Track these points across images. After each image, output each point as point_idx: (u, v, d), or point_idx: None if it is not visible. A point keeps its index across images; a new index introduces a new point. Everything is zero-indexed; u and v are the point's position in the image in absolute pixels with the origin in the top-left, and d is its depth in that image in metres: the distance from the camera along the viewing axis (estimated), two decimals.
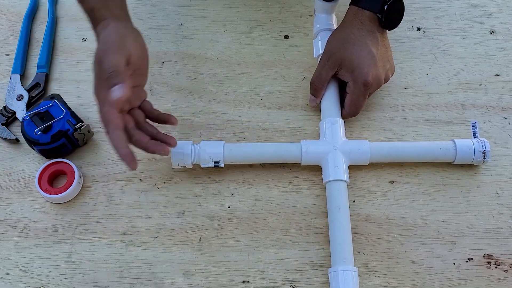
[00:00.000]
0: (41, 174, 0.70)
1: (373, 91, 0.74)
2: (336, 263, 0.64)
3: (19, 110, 0.75)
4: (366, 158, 0.70)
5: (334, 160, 0.69)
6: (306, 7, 0.86)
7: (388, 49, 0.74)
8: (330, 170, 0.69)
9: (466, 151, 0.70)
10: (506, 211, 0.70)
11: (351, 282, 0.62)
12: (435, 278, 0.66)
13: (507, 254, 0.67)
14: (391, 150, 0.71)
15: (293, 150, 0.70)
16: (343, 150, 0.70)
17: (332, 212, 0.67)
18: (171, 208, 0.70)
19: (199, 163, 0.70)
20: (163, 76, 0.80)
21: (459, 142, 0.71)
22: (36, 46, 0.83)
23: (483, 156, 0.70)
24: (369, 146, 0.70)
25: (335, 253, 0.64)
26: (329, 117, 0.73)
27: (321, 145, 0.71)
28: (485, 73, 0.80)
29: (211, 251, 0.67)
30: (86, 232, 0.69)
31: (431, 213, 0.70)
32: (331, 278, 0.64)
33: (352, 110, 0.73)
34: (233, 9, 0.86)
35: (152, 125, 0.67)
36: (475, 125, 0.72)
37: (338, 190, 0.68)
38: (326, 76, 0.73)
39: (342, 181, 0.68)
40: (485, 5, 0.86)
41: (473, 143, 0.70)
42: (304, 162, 0.70)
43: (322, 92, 0.74)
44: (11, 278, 0.66)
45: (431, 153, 0.71)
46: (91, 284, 0.66)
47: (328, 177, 0.69)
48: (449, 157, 0.71)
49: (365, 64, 0.70)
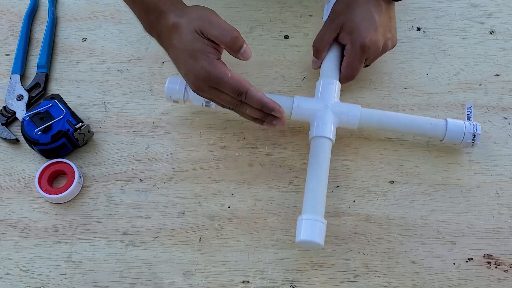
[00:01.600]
0: (41, 174, 0.70)
1: (370, 58, 0.74)
2: (305, 212, 0.64)
3: (19, 110, 0.75)
4: (355, 122, 0.70)
5: (323, 118, 0.70)
6: (306, 7, 0.86)
7: (392, 20, 0.74)
8: (317, 126, 0.69)
9: (456, 130, 0.70)
10: (506, 211, 0.70)
11: (316, 232, 0.62)
12: (435, 278, 0.66)
13: (507, 254, 0.67)
14: (381, 118, 0.71)
15: (285, 103, 0.70)
16: (334, 110, 0.70)
17: (312, 165, 0.67)
18: (171, 208, 0.70)
19: (191, 100, 0.71)
20: (163, 76, 0.80)
21: (451, 121, 0.71)
22: (36, 46, 0.83)
23: (473, 138, 0.70)
24: (360, 110, 0.71)
25: (306, 202, 0.65)
26: (327, 78, 0.73)
27: (313, 102, 0.71)
28: (485, 73, 0.80)
29: (211, 251, 0.67)
30: (86, 232, 0.69)
31: (431, 213, 0.70)
32: (297, 226, 0.64)
33: (348, 73, 0.74)
34: (233, 9, 0.86)
35: None
36: (470, 109, 0.72)
37: (320, 146, 0.68)
38: (328, 37, 0.74)
39: (327, 138, 0.69)
40: (485, 5, 0.86)
41: (465, 124, 0.71)
42: (294, 116, 0.71)
43: (324, 54, 0.75)
44: (11, 278, 0.66)
45: (420, 127, 0.71)
46: (91, 284, 0.66)
47: (313, 133, 0.69)
48: (438, 134, 0.71)
49: (365, 28, 0.71)
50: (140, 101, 0.78)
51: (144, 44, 0.82)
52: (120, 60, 0.81)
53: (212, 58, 0.62)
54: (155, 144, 0.74)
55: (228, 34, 0.61)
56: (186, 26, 0.62)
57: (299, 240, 0.63)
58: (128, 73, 0.80)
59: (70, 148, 0.73)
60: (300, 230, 0.63)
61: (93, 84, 0.79)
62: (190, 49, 0.62)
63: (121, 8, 0.86)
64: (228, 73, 0.62)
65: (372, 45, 0.72)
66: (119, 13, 0.85)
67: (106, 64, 0.81)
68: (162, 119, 0.76)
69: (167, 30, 0.64)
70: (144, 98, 0.78)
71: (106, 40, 0.83)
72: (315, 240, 0.62)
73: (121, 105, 0.77)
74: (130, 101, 0.78)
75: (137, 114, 0.77)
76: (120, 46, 0.82)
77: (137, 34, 0.83)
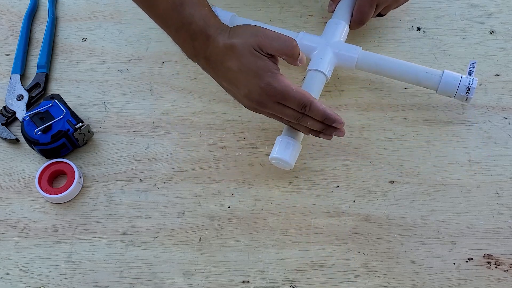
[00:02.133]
0: (41, 174, 0.70)
1: (382, 4, 0.75)
2: (285, 133, 0.68)
3: (19, 110, 0.75)
4: (352, 62, 0.73)
5: (322, 53, 0.72)
6: (306, 7, 0.86)
7: None
8: (314, 60, 0.72)
9: (450, 82, 0.70)
10: (506, 211, 0.70)
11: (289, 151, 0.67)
12: (435, 278, 0.66)
13: (507, 254, 0.67)
14: (379, 61, 0.73)
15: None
16: (334, 48, 0.73)
17: None
18: (171, 208, 0.70)
19: None
20: (163, 76, 0.80)
21: (447, 72, 0.71)
22: (36, 46, 0.83)
23: (467, 92, 0.70)
24: (359, 52, 0.73)
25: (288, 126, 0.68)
26: (337, 18, 0.76)
27: (316, 39, 0.74)
28: (485, 73, 0.80)
29: (211, 251, 0.67)
30: (86, 232, 0.69)
31: (431, 213, 0.70)
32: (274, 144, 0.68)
33: (358, 17, 0.75)
34: (233, 9, 0.85)
35: None
36: (473, 65, 0.71)
37: (314, 79, 0.71)
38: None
39: (322, 73, 0.71)
40: (485, 5, 0.86)
41: (461, 77, 0.71)
42: None
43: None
44: (11, 278, 0.66)
45: (416, 74, 0.72)
46: (91, 284, 0.66)
47: (310, 66, 0.72)
48: (432, 84, 0.72)
49: None
50: (140, 101, 0.78)
51: (144, 44, 0.82)
52: (120, 60, 0.81)
53: (276, 73, 0.62)
54: (155, 144, 0.74)
55: (289, 44, 0.62)
56: (242, 46, 0.61)
57: (272, 157, 0.68)
58: (128, 73, 0.80)
59: (70, 148, 0.73)
60: (276, 148, 0.67)
61: (93, 84, 0.79)
62: (253, 68, 0.61)
63: (121, 8, 0.86)
64: (293, 87, 0.62)
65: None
66: (119, 13, 0.85)
67: (106, 64, 0.81)
68: (162, 119, 0.76)
69: (218, 54, 0.63)
70: (144, 98, 0.78)
71: (106, 40, 0.83)
72: (285, 159, 0.67)
73: (121, 105, 0.77)
74: (130, 101, 0.78)
75: (137, 114, 0.77)
76: (120, 46, 0.82)
77: (137, 34, 0.83)
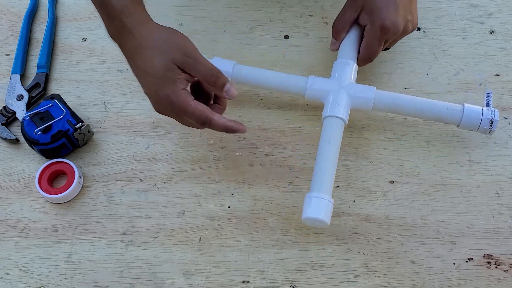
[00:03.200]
0: (41, 174, 0.70)
1: (390, 39, 0.73)
2: (313, 190, 0.64)
3: (19, 110, 0.75)
4: (369, 104, 0.70)
5: (336, 98, 0.69)
6: (306, 7, 0.86)
7: (412, 2, 0.73)
8: (330, 106, 0.69)
9: (473, 116, 0.69)
10: (506, 211, 0.70)
11: (322, 210, 0.62)
12: (435, 278, 0.66)
13: (507, 254, 0.67)
14: (396, 101, 0.70)
15: (299, 83, 0.71)
16: (348, 91, 0.70)
17: (322, 145, 0.67)
18: (171, 208, 0.70)
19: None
20: None
21: (468, 106, 0.69)
22: (36, 46, 0.83)
23: (490, 125, 0.68)
24: (375, 93, 0.70)
25: (315, 180, 0.64)
26: (344, 58, 0.73)
27: (328, 83, 0.71)
28: (485, 73, 0.80)
29: (211, 251, 0.67)
30: (86, 232, 0.69)
31: (431, 213, 0.70)
32: (305, 203, 0.63)
33: (366, 54, 0.73)
34: (233, 9, 0.86)
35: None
36: (490, 95, 0.70)
37: (332, 126, 0.68)
38: (349, 18, 0.74)
39: (340, 118, 0.68)
40: (485, 5, 0.86)
41: (482, 110, 0.69)
42: (308, 96, 0.71)
43: (343, 36, 0.75)
44: (11, 278, 0.66)
45: (436, 111, 0.70)
46: (91, 284, 0.66)
47: (326, 113, 0.69)
48: (454, 120, 0.70)
49: (385, 8, 0.70)
50: (140, 101, 0.78)
51: None
52: (120, 60, 0.81)
53: (178, 88, 0.61)
54: (155, 144, 0.74)
55: (213, 72, 0.62)
56: (160, 55, 0.61)
57: (305, 217, 0.63)
58: (128, 73, 0.80)
59: (70, 148, 0.73)
60: (307, 207, 0.63)
61: (93, 84, 0.79)
62: (159, 75, 0.61)
63: None
64: (191, 103, 0.61)
65: (392, 26, 0.70)
66: None
67: (106, 64, 0.81)
68: (162, 119, 0.76)
69: (132, 49, 0.63)
70: (144, 98, 0.77)
71: (106, 40, 0.83)
72: (320, 218, 0.62)
73: (121, 105, 0.77)
74: (130, 101, 0.78)
75: (137, 114, 0.77)
76: None
77: None
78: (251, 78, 0.73)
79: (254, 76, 0.73)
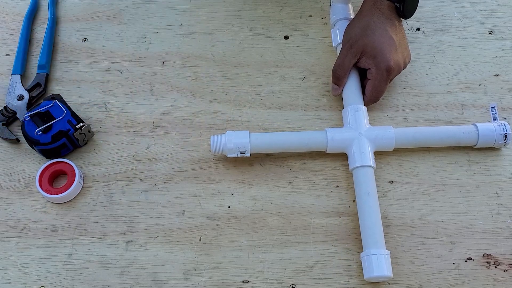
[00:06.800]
0: (41, 174, 0.71)
1: (393, 77, 0.75)
2: (367, 247, 0.64)
3: (19, 110, 0.76)
4: (391, 144, 0.71)
5: (360, 147, 0.70)
6: (306, 7, 0.86)
7: (404, 37, 0.76)
8: (356, 156, 0.69)
9: (488, 134, 0.71)
10: (505, 211, 0.70)
11: (384, 265, 0.63)
12: (435, 278, 0.66)
13: (506, 254, 0.67)
14: (415, 135, 0.72)
15: (319, 138, 0.71)
16: (368, 136, 0.71)
17: (361, 198, 0.67)
18: (171, 208, 0.70)
19: (225, 153, 0.70)
20: (163, 76, 0.80)
21: (481, 126, 0.72)
22: (36, 46, 0.83)
23: (504, 139, 0.71)
24: (394, 131, 0.71)
25: (367, 237, 0.65)
26: (352, 104, 0.74)
27: (346, 132, 0.72)
28: (485, 73, 0.80)
29: (211, 251, 0.68)
30: (86, 232, 0.69)
31: (431, 213, 0.70)
32: (364, 262, 0.64)
33: (374, 96, 0.74)
34: (233, 9, 0.86)
35: None
36: (494, 109, 0.73)
37: (365, 176, 0.69)
38: (349, 64, 0.74)
39: (369, 166, 0.69)
40: (485, 5, 0.86)
41: (494, 127, 0.72)
42: (330, 150, 0.71)
43: (345, 81, 0.76)
44: (12, 278, 0.66)
45: (454, 137, 0.72)
46: (91, 284, 0.66)
47: (354, 164, 0.69)
48: (471, 141, 0.72)
49: (387, 50, 0.72)
50: (140, 101, 0.78)
51: (144, 44, 0.82)
52: (120, 60, 0.81)
53: None
54: (155, 144, 0.75)
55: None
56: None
57: (369, 276, 0.63)
58: (128, 73, 0.80)
59: (71, 148, 0.73)
60: (369, 266, 0.63)
61: (94, 84, 0.79)
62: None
63: (121, 9, 0.86)
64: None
65: (396, 65, 0.73)
66: (119, 14, 0.85)
67: (107, 64, 0.81)
68: (162, 119, 0.76)
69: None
70: (144, 98, 0.78)
71: (106, 40, 0.83)
72: (385, 274, 0.63)
73: (122, 105, 0.77)
74: (130, 101, 0.78)
75: (138, 114, 0.77)
76: (120, 46, 0.82)
77: (137, 35, 0.83)
78: (269, 144, 0.71)
79: (274, 143, 0.71)
